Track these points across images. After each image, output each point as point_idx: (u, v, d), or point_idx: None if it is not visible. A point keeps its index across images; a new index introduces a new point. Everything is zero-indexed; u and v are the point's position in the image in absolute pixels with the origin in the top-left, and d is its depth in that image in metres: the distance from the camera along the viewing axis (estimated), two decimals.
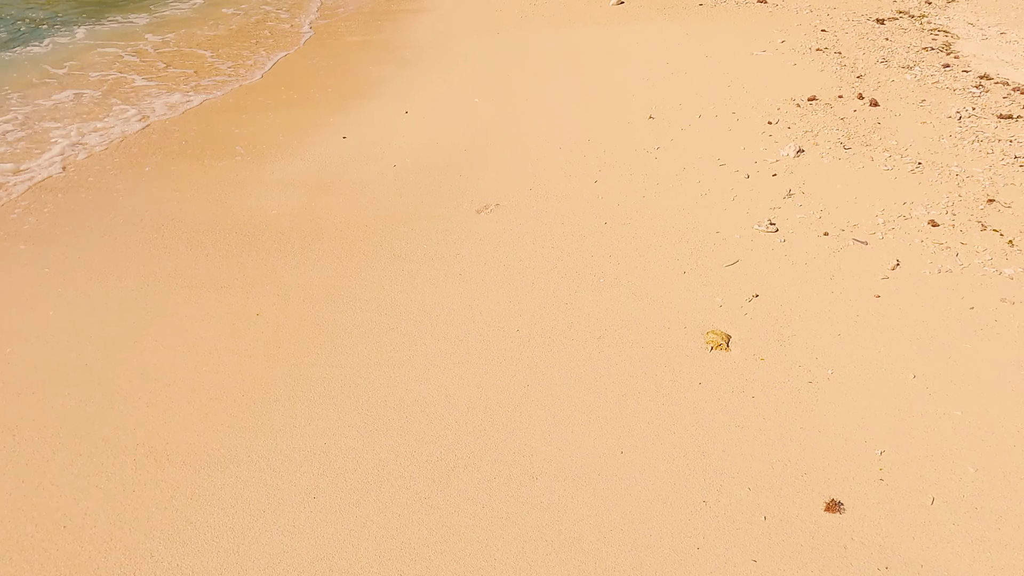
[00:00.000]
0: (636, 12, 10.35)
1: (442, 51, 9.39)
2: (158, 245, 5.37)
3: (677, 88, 7.44)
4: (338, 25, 10.99)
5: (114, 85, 8.36)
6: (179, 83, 8.45)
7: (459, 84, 8.17)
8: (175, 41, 9.95)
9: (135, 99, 7.96)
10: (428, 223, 5.39)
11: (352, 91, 8.21)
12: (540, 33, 9.70)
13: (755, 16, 9.74)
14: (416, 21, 10.97)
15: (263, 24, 10.85)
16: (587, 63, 8.46)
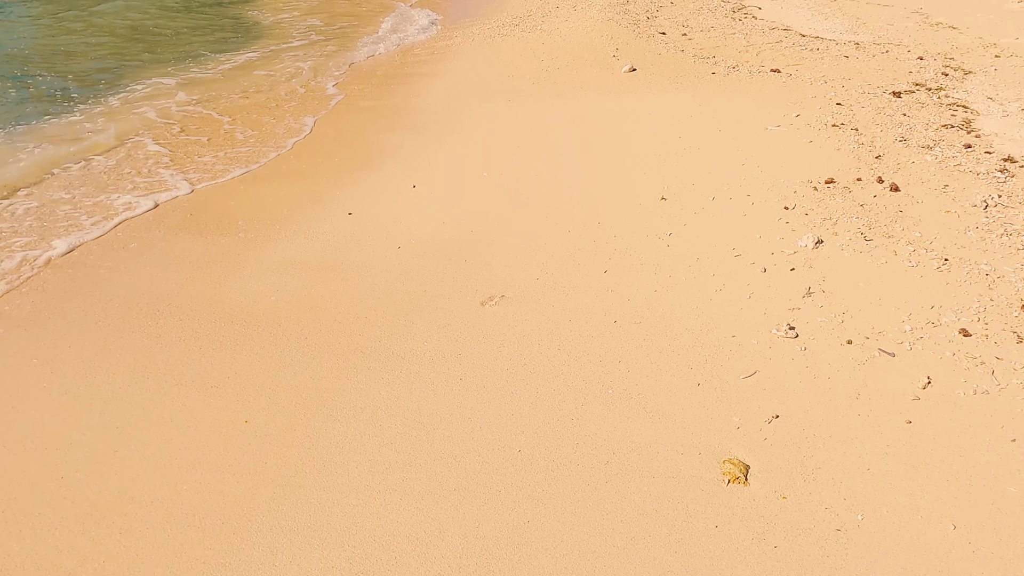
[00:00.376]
0: (648, 80, 10.25)
1: (452, 119, 9.29)
2: (151, 335, 5.15)
3: (690, 165, 7.24)
4: (351, 87, 10.98)
5: (126, 155, 8.28)
6: (191, 153, 8.36)
7: (468, 156, 8.03)
8: (196, 105, 9.93)
9: (145, 170, 7.86)
10: (430, 316, 5.14)
11: (361, 161, 8.08)
12: (551, 102, 9.60)
13: (769, 86, 9.60)
14: (429, 86, 10.94)
15: (282, 86, 10.85)
16: (598, 135, 8.31)
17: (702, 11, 14.90)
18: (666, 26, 13.38)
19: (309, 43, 13.56)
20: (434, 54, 12.91)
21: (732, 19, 14.06)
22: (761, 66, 10.56)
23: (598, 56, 11.52)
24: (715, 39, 12.29)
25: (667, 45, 11.85)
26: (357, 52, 13.02)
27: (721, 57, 11.13)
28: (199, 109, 9.78)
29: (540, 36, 13.24)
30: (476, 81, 10.91)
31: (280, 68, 11.82)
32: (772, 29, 13.01)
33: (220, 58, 12.29)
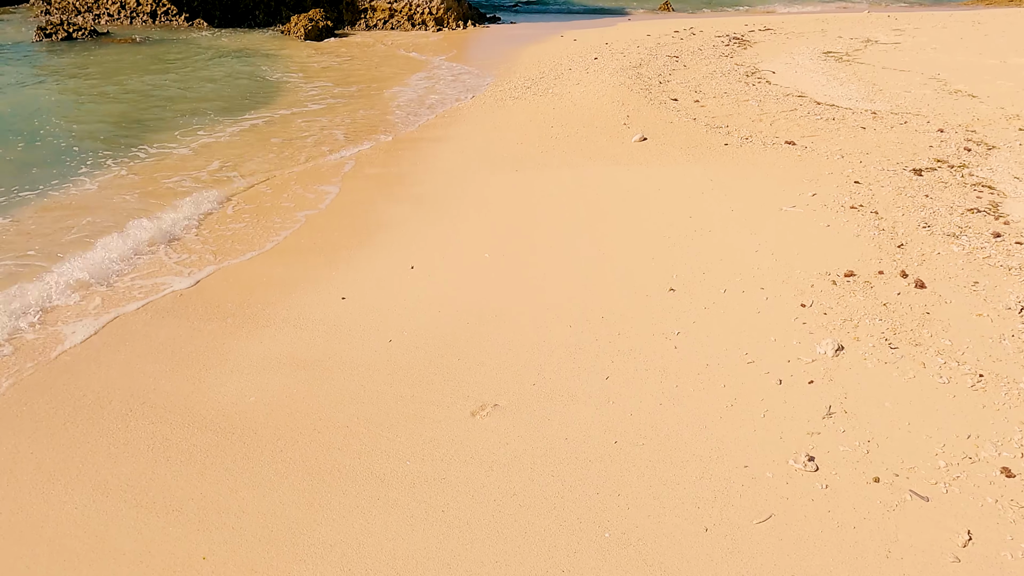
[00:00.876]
0: (658, 150, 9.95)
1: (458, 189, 9.01)
2: (119, 441, 4.77)
3: (701, 250, 6.84)
4: (359, 155, 10.79)
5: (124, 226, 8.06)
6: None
7: (471, 232, 7.70)
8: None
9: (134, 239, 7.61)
10: (416, 427, 4.73)
11: (362, 237, 7.78)
12: (558, 172, 9.31)
13: (783, 160, 9.25)
14: (436, 151, 10.73)
15: (291, 152, 10.69)
16: (606, 211, 7.96)
17: (715, 75, 14.72)
18: (678, 91, 13.17)
19: (324, 108, 13.51)
20: (444, 117, 12.78)
21: (746, 84, 13.84)
22: (775, 137, 10.24)
23: (609, 123, 11.29)
24: (728, 106, 12.03)
25: (679, 113, 11.60)
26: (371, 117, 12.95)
27: (734, 126, 10.84)
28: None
29: (551, 100, 13.08)
30: (484, 148, 10.68)
31: (290, 132, 11.71)
32: (787, 96, 12.75)
33: (230, 120, 12.23)
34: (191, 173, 9.66)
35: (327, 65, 17.62)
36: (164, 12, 24.70)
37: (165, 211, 8.24)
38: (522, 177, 9.24)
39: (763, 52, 18.00)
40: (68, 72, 16.66)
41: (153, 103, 13.51)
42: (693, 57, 17.07)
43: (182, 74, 16.43)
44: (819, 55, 17.07)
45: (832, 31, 21.59)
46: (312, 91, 14.69)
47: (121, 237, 7.57)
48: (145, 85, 15.02)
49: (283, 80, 15.83)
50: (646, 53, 17.57)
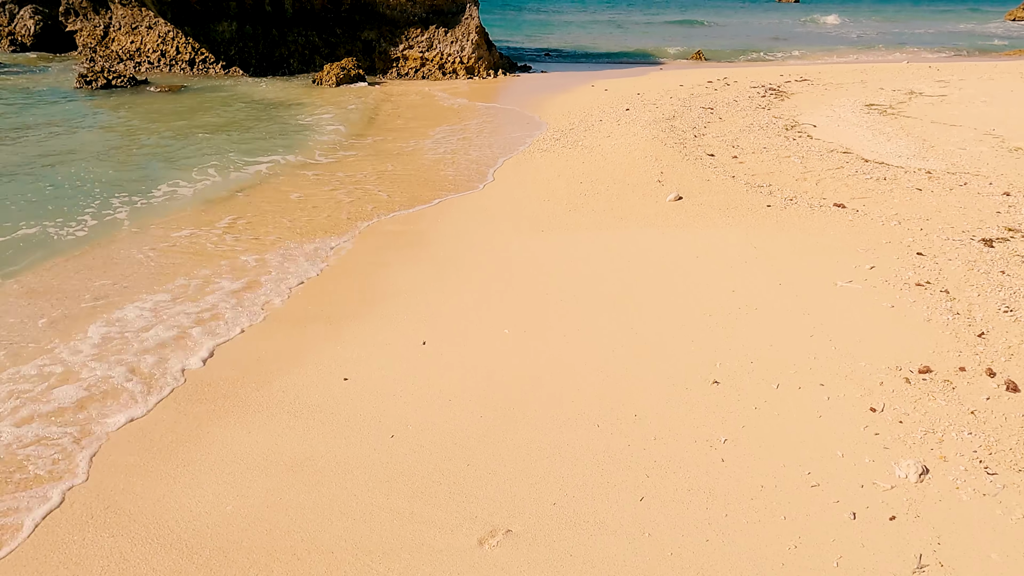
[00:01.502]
0: (695, 211, 9.21)
1: (477, 251, 8.35)
2: (72, 558, 4.08)
3: (746, 333, 6.02)
4: (375, 209, 10.25)
5: (104, 300, 7.52)
6: (188, 291, 7.56)
7: (489, 303, 6.99)
8: (203, 236, 9.30)
9: (120, 320, 7.02)
10: (411, 558, 3.94)
11: (370, 303, 7.11)
12: (587, 235, 8.60)
13: (833, 225, 8.43)
14: (458, 209, 10.13)
15: (318, 205, 10.20)
16: (638, 282, 7.20)
17: (752, 129, 14.01)
18: (715, 146, 12.48)
19: (345, 159, 13.11)
20: (468, 171, 12.22)
21: (785, 138, 13.10)
22: (822, 198, 9.43)
23: (641, 180, 10.61)
24: (768, 163, 11.29)
25: (716, 169, 10.89)
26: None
27: (776, 185, 10.07)
28: (200, 236, 9.07)
29: (580, 154, 12.49)
30: (509, 205, 10.06)
31: (309, 184, 11.26)
32: (831, 151, 11.96)
33: (250, 168, 11.85)
34: (201, 230, 9.18)
35: (354, 114, 17.38)
36: (202, 60, 25.05)
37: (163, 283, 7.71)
38: (548, 240, 8.56)
39: (802, 104, 17.29)
40: (99, 117, 16.66)
41: (178, 149, 13.27)
42: (728, 109, 16.43)
43: (210, 121, 16.32)
44: (861, 108, 16.29)
45: (872, 82, 20.83)
46: (335, 141, 14.34)
47: (122, 312, 7.03)
48: (174, 131, 14.87)
49: (309, 128, 15.56)
50: (679, 104, 16.99)
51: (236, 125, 15.95)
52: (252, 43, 24.96)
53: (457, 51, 24.10)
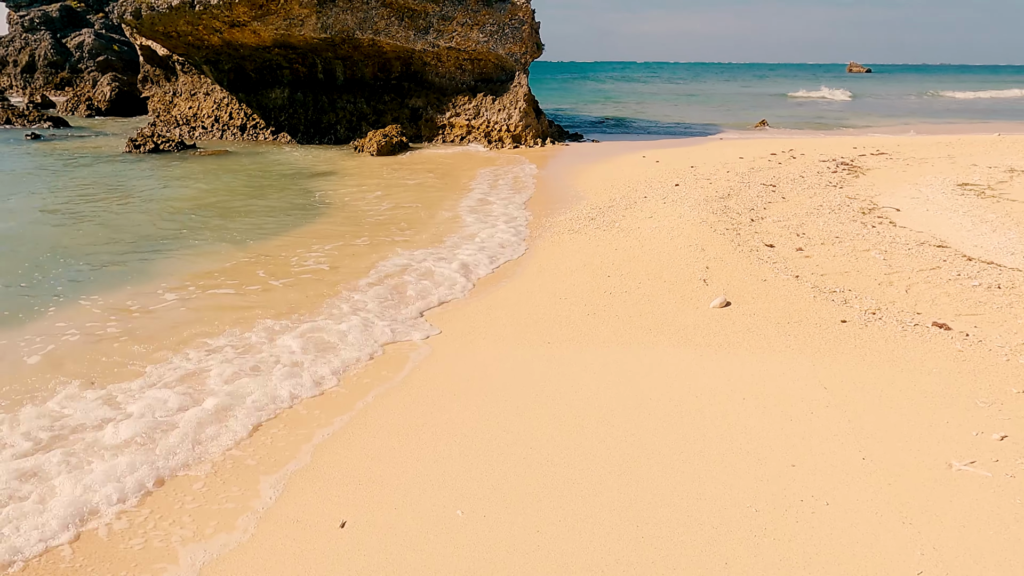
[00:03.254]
0: (746, 324, 7.11)
1: (459, 374, 6.45)
2: None
3: (811, 550, 3.87)
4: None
5: (59, 438, 6.00)
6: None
7: (447, 460, 5.06)
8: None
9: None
10: None
11: (297, 453, 5.33)
12: (602, 353, 6.61)
13: (935, 357, 6.15)
14: (455, 309, 8.38)
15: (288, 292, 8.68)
16: (655, 442, 5.13)
17: (822, 211, 11.83)
18: (775, 233, 10.37)
19: (350, 238, 11.69)
20: (484, 250, 10.52)
21: (863, 225, 10.85)
22: (916, 313, 7.16)
23: (682, 276, 8.60)
24: (842, 258, 9.08)
25: (776, 266, 8.76)
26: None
27: (853, 290, 7.86)
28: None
29: (615, 237, 10.61)
30: (519, 301, 8.21)
31: (286, 266, 9.79)
32: (921, 244, 9.64)
33: (244, 249, 10.52)
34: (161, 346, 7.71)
35: (383, 187, 16.17)
36: (253, 126, 24.86)
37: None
38: (552, 357, 6.61)
39: (880, 182, 14.96)
40: (126, 181, 16.01)
41: (196, 215, 12.19)
42: (793, 186, 14.29)
43: (239, 187, 15.40)
44: (953, 188, 13.83)
45: (962, 157, 18.25)
46: (351, 217, 13.00)
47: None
48: (199, 195, 13.94)
49: (315, 206, 14.35)
50: (736, 180, 14.97)
51: (256, 192, 14.92)
52: (302, 109, 24.64)
53: (504, 119, 22.98)
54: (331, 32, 22.01)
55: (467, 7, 22.45)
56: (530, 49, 23.20)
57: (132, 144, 21.32)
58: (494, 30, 22.67)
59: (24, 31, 38.05)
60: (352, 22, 22.05)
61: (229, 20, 21.53)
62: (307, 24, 21.90)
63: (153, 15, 21.61)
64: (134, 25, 22.60)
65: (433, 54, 22.95)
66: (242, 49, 23.37)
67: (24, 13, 38.01)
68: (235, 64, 24.48)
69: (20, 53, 38.01)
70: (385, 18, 22.25)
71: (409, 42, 22.58)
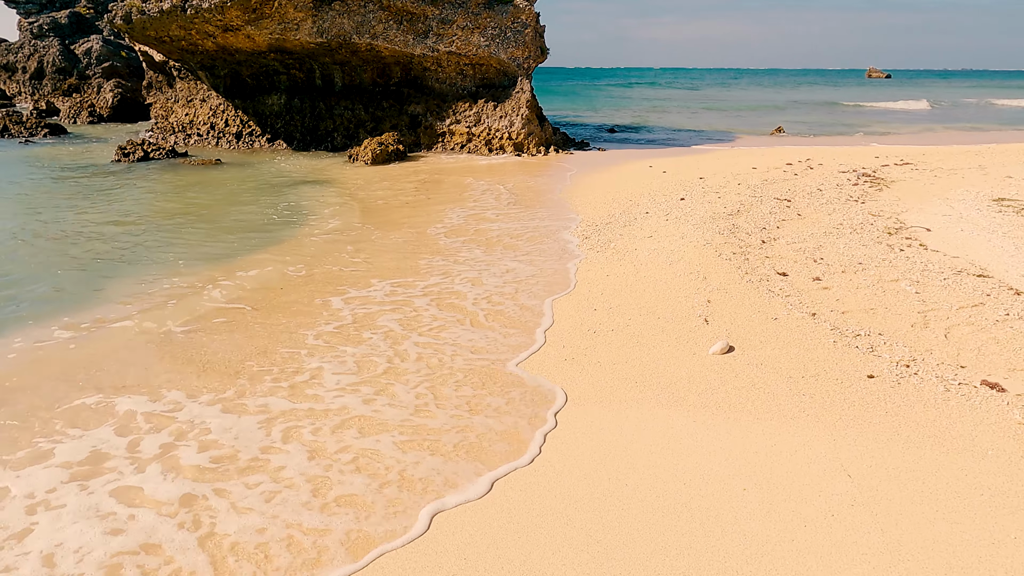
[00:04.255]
0: (751, 378, 5.84)
1: None
2: None
3: None
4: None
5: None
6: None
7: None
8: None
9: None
10: None
11: None
12: (575, 413, 5.38)
13: (989, 432, 4.84)
14: (412, 351, 7.21)
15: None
16: (633, 548, 3.92)
17: (842, 231, 10.49)
18: (789, 258, 9.07)
19: (315, 263, 10.57)
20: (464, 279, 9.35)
21: (889, 248, 9.50)
22: (959, 366, 5.85)
23: (679, 311, 7.35)
24: (867, 290, 7.76)
25: (789, 300, 7.48)
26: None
27: (882, 333, 6.55)
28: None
29: (607, 260, 9.39)
30: (486, 340, 7.02)
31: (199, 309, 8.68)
32: (958, 273, 8.29)
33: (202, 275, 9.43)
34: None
35: (363, 201, 15.07)
36: (248, 133, 23.94)
37: None
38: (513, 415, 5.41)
39: (906, 195, 13.57)
40: (101, 192, 15.05)
41: (139, 235, 11.16)
42: (811, 201, 12.95)
43: (210, 202, 14.38)
44: (988, 203, 12.41)
45: (994, 168, 16.76)
46: (303, 244, 11.89)
47: None
48: (160, 210, 12.94)
49: (288, 222, 13.26)
50: (748, 194, 13.65)
51: (222, 207, 13.87)
52: (298, 116, 23.68)
53: (505, 126, 21.81)
54: (327, 36, 21.02)
55: (468, 10, 21.34)
56: (533, 54, 22.02)
57: (121, 153, 20.46)
58: (496, 34, 21.54)
59: (33, 37, 37.67)
60: (349, 26, 21.04)
61: (222, 24, 20.62)
62: (302, 28, 20.92)
63: (144, 19, 20.77)
64: (125, 30, 21.78)
65: (433, 59, 21.87)
66: (237, 54, 22.46)
67: (34, 20, 37.64)
68: (231, 70, 23.59)
69: (29, 59, 37.63)
70: (383, 22, 21.21)
71: (408, 46, 21.52)
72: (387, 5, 20.97)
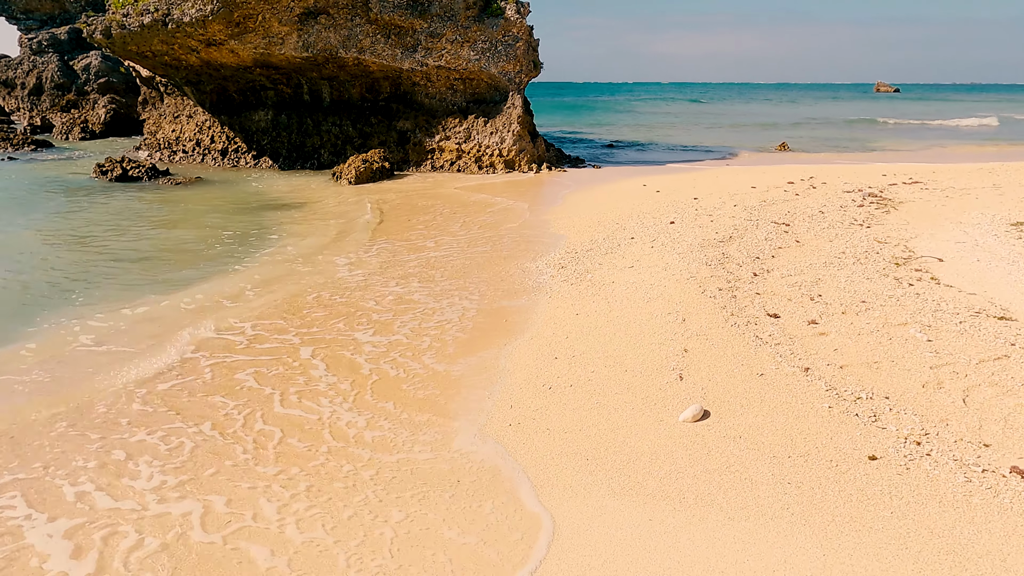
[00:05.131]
0: (726, 456, 4.75)
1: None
2: None
3: None
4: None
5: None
6: None
7: None
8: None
9: None
10: None
11: None
12: (502, 507, 4.34)
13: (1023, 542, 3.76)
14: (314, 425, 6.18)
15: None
16: None
17: (844, 261, 9.39)
18: (782, 294, 7.98)
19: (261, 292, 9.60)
20: (414, 315, 8.33)
21: (896, 282, 8.40)
22: (982, 444, 4.74)
23: (651, 361, 6.29)
24: (870, 337, 6.66)
25: (779, 349, 6.39)
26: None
27: (888, 395, 5.46)
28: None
29: (581, 294, 8.35)
30: (409, 402, 5.99)
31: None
32: (976, 314, 7.18)
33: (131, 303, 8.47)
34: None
35: (330, 228, 14.15)
36: (235, 150, 23.17)
37: None
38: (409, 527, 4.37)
39: (915, 218, 12.45)
40: (60, 212, 14.20)
41: (69, 266, 10.26)
42: (811, 225, 11.86)
43: (168, 224, 13.50)
44: (1007, 228, 11.27)
45: (1010, 187, 15.59)
46: (245, 275, 10.94)
47: None
48: (111, 234, 12.05)
49: (236, 254, 12.33)
50: (743, 216, 12.59)
51: (189, 232, 12.97)
52: (285, 133, 22.89)
53: (496, 143, 20.88)
54: (313, 51, 20.23)
55: (457, 23, 20.50)
56: (526, 68, 21.13)
57: (99, 170, 19.71)
58: (486, 48, 20.67)
59: (32, 53, 37.34)
60: (335, 40, 20.24)
61: (204, 39, 19.89)
62: (288, 43, 20.15)
63: (125, 34, 20.08)
64: (105, 45, 21.11)
65: (422, 73, 21.02)
66: (223, 69, 21.73)
67: (33, 36, 37.33)
68: (217, 85, 22.87)
69: (28, 75, 37.28)
70: (370, 35, 20.41)
71: (396, 60, 20.68)
72: (374, 18, 20.18)
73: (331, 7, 19.96)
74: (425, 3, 20.29)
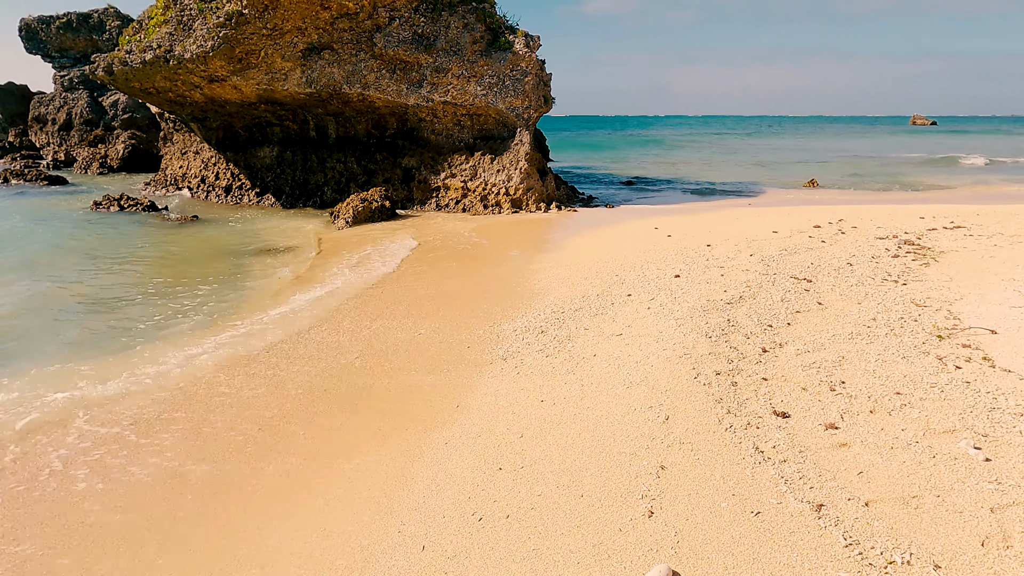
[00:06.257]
0: None
1: None
2: None
3: None
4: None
5: None
6: None
7: None
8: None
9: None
10: None
11: None
12: None
13: None
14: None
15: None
16: None
17: (875, 331, 7.79)
18: (795, 381, 6.43)
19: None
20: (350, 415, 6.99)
21: (939, 363, 6.78)
22: None
23: (616, 482, 4.83)
24: (905, 452, 5.07)
25: (784, 470, 4.87)
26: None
27: (935, 560, 3.91)
28: None
29: (552, 371, 6.93)
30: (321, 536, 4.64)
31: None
32: None
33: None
34: None
35: (293, 283, 13.04)
36: (238, 187, 22.51)
37: None
38: None
39: (959, 273, 10.73)
40: (54, 250, 13.43)
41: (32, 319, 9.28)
42: (837, 281, 10.26)
43: (137, 269, 12.57)
44: None
45: None
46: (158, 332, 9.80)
47: None
48: (106, 276, 11.14)
49: (182, 312, 11.24)
50: (759, 270, 11.04)
51: (171, 278, 11.98)
52: (289, 169, 22.15)
53: (503, 181, 19.73)
54: (317, 87, 19.51)
55: (463, 58, 19.58)
56: (535, 103, 20.04)
57: (96, 206, 19.15)
58: (493, 82, 19.67)
59: (64, 90, 37.95)
60: (339, 76, 19.50)
61: (206, 75, 19.35)
62: (291, 78, 19.48)
63: (127, 71, 19.66)
64: (108, 82, 20.77)
65: (428, 109, 20.10)
66: (228, 105, 21.18)
67: (65, 73, 37.99)
68: (223, 121, 22.35)
69: (59, 111, 37.85)
70: (375, 71, 19.62)
71: (401, 96, 19.82)
72: (379, 53, 19.40)
73: (335, 42, 19.26)
74: (431, 37, 19.46)
